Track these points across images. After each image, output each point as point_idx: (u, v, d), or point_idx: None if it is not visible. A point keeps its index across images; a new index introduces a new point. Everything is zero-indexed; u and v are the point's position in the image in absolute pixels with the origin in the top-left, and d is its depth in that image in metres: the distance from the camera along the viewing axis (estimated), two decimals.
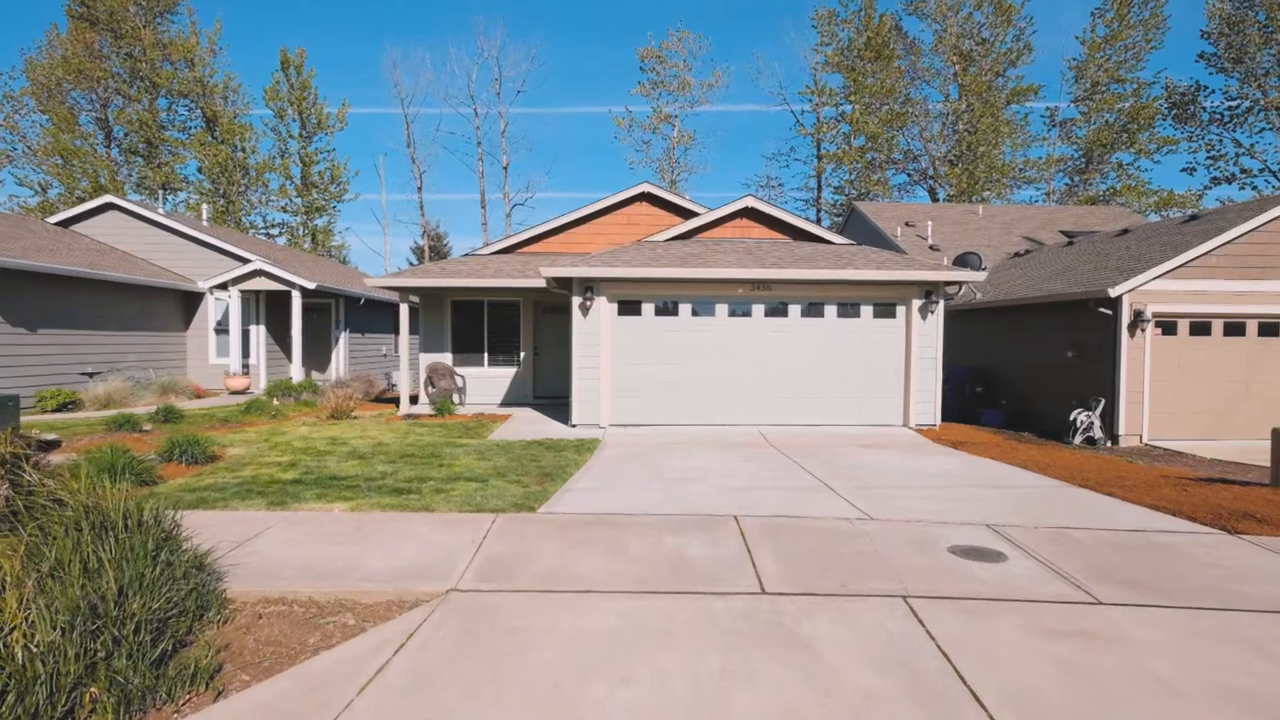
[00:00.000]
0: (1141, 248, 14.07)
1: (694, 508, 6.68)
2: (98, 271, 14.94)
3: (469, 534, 5.63)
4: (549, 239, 16.26)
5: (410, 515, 6.20)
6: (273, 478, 7.66)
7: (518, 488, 7.43)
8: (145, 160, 35.98)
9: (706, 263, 12.54)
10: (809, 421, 12.68)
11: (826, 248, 13.81)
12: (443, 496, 6.89)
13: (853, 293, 12.81)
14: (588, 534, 5.71)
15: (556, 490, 7.35)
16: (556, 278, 12.45)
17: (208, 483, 7.35)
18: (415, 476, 7.89)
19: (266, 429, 11.69)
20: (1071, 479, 8.42)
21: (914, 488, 7.73)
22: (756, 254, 13.20)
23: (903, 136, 35.65)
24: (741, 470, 8.68)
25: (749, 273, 12.28)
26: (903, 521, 6.24)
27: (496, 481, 7.70)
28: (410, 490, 7.14)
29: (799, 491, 7.46)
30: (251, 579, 4.63)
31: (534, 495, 7.07)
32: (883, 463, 9.33)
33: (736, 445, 10.77)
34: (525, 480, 7.84)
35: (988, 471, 8.85)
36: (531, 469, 8.55)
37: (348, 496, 6.81)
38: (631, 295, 12.71)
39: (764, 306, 12.85)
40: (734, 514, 6.38)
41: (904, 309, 12.87)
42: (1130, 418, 12.27)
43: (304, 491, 7.00)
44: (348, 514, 6.23)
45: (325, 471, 8.05)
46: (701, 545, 5.49)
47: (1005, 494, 7.50)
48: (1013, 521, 6.32)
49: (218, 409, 13.89)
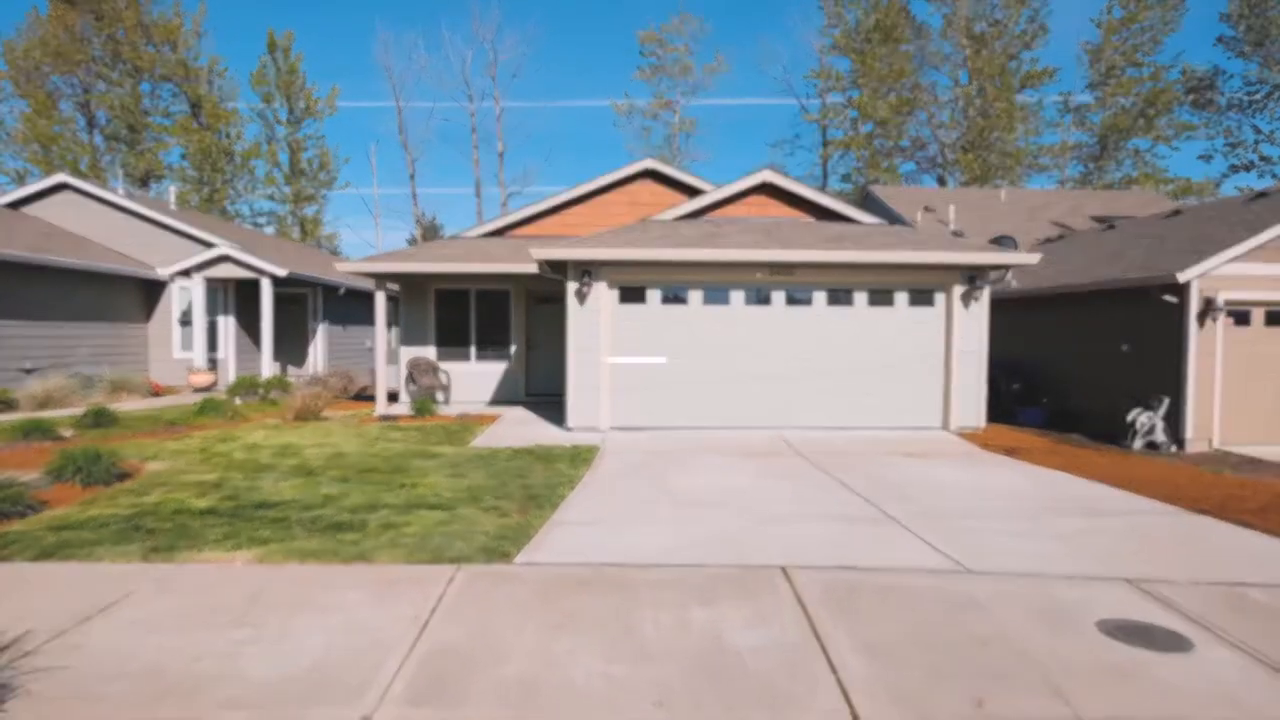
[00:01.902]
0: (1203, 229, 12.29)
1: (724, 550, 4.92)
2: (38, 256, 13.11)
3: (412, 605, 3.86)
4: (543, 220, 14.45)
5: (337, 571, 4.43)
6: (180, 506, 5.88)
7: (493, 519, 5.66)
8: (128, 147, 34.00)
9: (719, 244, 10.76)
10: (836, 423, 10.93)
11: (854, 228, 12.03)
12: (391, 536, 5.12)
13: (886, 278, 11.03)
14: (582, 603, 3.95)
15: (543, 523, 5.59)
16: (549, 261, 10.66)
17: (90, 515, 5.57)
18: (365, 503, 6.12)
19: (215, 434, 9.92)
20: (1174, 499, 6.70)
21: (990, 515, 5.99)
22: (776, 234, 11.41)
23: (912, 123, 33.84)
24: (770, 489, 6.93)
25: (768, 254, 10.51)
26: (1011, 577, 4.48)
27: (467, 510, 5.93)
28: (351, 526, 5.37)
29: (852, 523, 5.71)
30: (52, 701, 2.87)
31: (513, 532, 5.31)
32: (935, 478, 7.59)
33: (757, 453, 9.03)
34: (505, 506, 6.08)
35: (1066, 490, 7.10)
36: (515, 489, 6.79)
37: (264, 538, 5.03)
38: (634, 281, 10.93)
39: (785, 293, 11.07)
40: (780, 563, 4.63)
41: (944, 296, 11.10)
42: (1199, 419, 10.54)
43: (210, 529, 5.22)
44: (251, 568, 4.45)
45: (253, 497, 6.27)
46: (745, 623, 3.73)
47: (1111, 525, 5.76)
48: (1154, 573, 4.57)
49: (167, 410, 12.10)
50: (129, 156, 33.82)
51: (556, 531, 5.37)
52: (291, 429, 10.66)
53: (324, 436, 9.94)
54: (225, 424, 11.09)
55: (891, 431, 10.79)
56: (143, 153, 33.84)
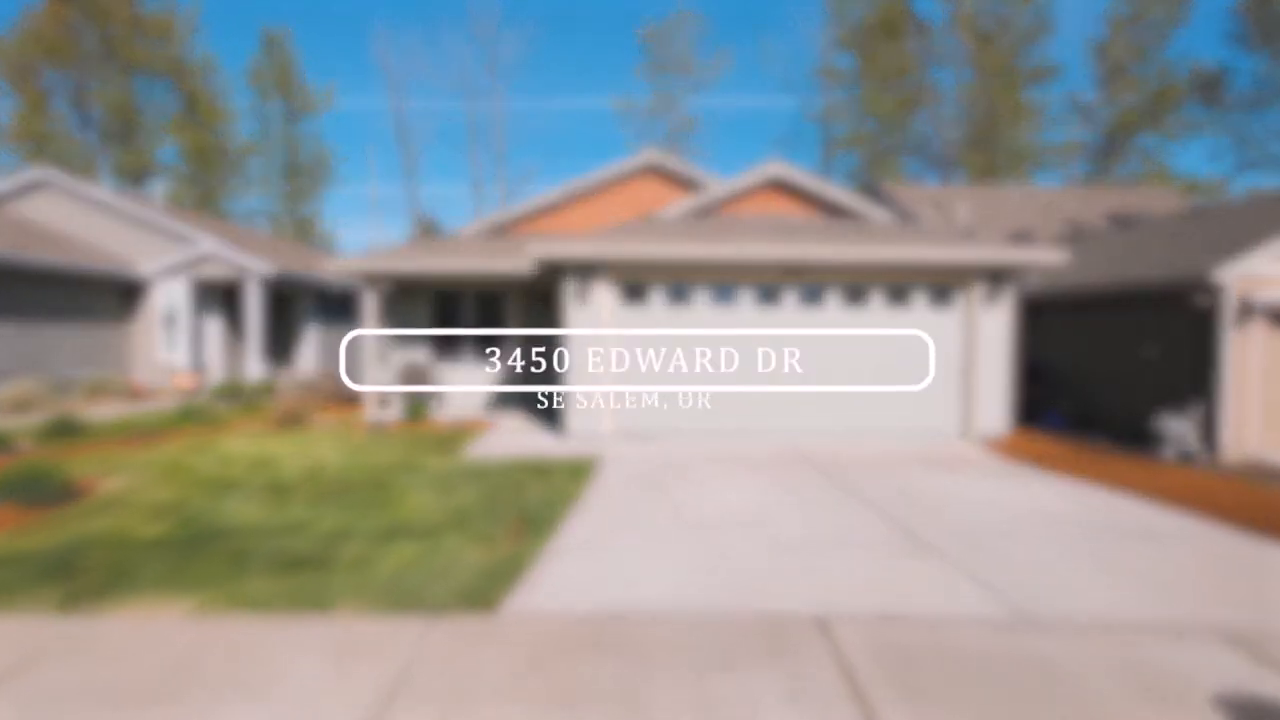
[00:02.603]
0: (1230, 227, 11.56)
1: (745, 590, 4.19)
2: (10, 254, 12.35)
3: (372, 677, 3.12)
4: (541, 219, 13.71)
5: (289, 626, 3.68)
6: (126, 536, 5.14)
7: (480, 550, 4.93)
8: (122, 144, 33.21)
9: (727, 241, 10.02)
10: (851, 429, 10.20)
11: (869, 224, 11.29)
12: (360, 576, 4.39)
13: (904, 277, 10.29)
14: (579, 673, 3.21)
15: (537, 554, 4.85)
16: (547, 259, 9.92)
17: (17, 547, 4.82)
18: (338, 530, 5.38)
19: (190, 444, 9.18)
20: (1228, 518, 5.98)
21: (1036, 542, 5.25)
22: (786, 231, 10.68)
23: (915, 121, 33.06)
24: (789, 508, 6.20)
25: (779, 252, 9.77)
26: (1084, 629, 3.75)
27: (452, 538, 5.20)
28: (316, 561, 4.63)
29: (886, 553, 4.97)
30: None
31: (502, 568, 4.57)
32: (965, 494, 6.86)
33: (769, 464, 8.30)
34: (494, 532, 5.35)
35: (1109, 509, 6.36)
36: (507, 509, 6.06)
37: (209, 579, 4.29)
38: (637, 280, 10.19)
39: (796, 293, 10.33)
40: (813, 610, 3.90)
41: (964, 296, 10.37)
42: (1237, 428, 9.81)
43: (151, 567, 4.48)
44: (186, 624, 3.71)
45: (213, 522, 5.54)
46: (781, 700, 3.00)
47: (1173, 556, 5.02)
48: (1249, 622, 3.84)
49: (144, 416, 11.36)
50: (123, 154, 33.05)
51: (551, 566, 4.63)
52: (274, 437, 9.92)
53: (307, 446, 9.20)
54: (204, 431, 10.36)
55: (910, 438, 10.07)
56: (137, 150, 33.06)
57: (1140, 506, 6.47)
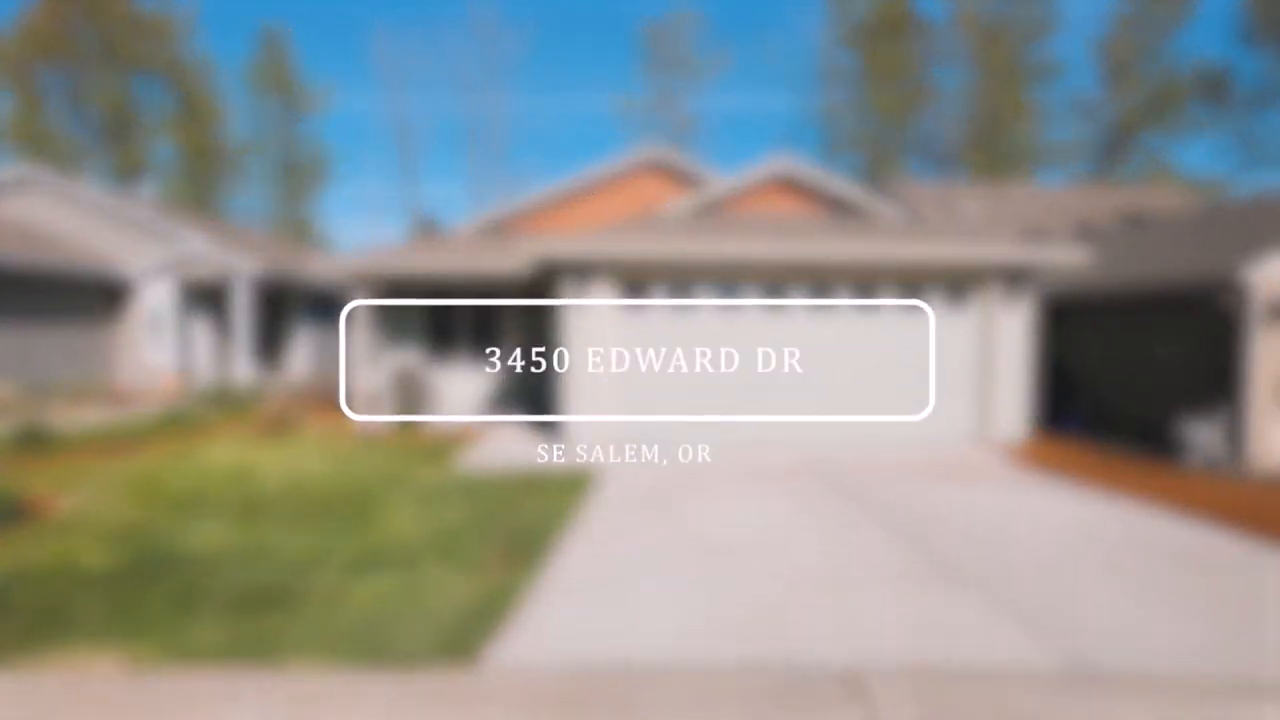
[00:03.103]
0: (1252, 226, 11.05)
1: (761, 637, 3.65)
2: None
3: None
4: (537, 216, 13.16)
5: (231, 686, 3.14)
6: (68, 566, 4.59)
7: (466, 581, 4.40)
8: (118, 143, 32.64)
9: (732, 239, 9.49)
10: (862, 436, 9.67)
11: (881, 222, 10.76)
12: (327, 617, 3.85)
13: (918, 277, 9.76)
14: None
15: (528, 587, 4.32)
16: (543, 258, 9.39)
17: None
18: (310, 556, 4.84)
19: (167, 453, 8.65)
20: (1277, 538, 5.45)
21: (1079, 572, 4.72)
22: (794, 229, 10.15)
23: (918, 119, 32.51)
24: (803, 529, 5.67)
25: (788, 250, 9.24)
26: (1154, 686, 3.21)
27: (435, 566, 4.66)
28: (279, 598, 4.09)
29: (916, 585, 4.43)
30: None
31: (488, 603, 4.03)
32: (991, 511, 6.34)
33: (778, 476, 7.77)
34: (483, 559, 4.82)
35: (1148, 529, 5.81)
36: (498, 529, 5.53)
37: (152, 623, 3.75)
38: (637, 281, 9.66)
39: (806, 294, 9.80)
40: (842, 660, 3.36)
41: (981, 297, 9.84)
42: (1266, 434, 9.30)
43: (90, 608, 3.93)
44: (112, 683, 3.16)
45: (172, 548, 4.99)
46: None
47: (1230, 588, 4.47)
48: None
49: (125, 422, 10.81)
50: (119, 153, 32.48)
51: (542, 602, 4.09)
52: (258, 445, 9.39)
53: (291, 455, 8.66)
54: (185, 438, 9.82)
55: (925, 444, 9.54)
56: (133, 149, 32.49)
57: (1183, 526, 5.93)
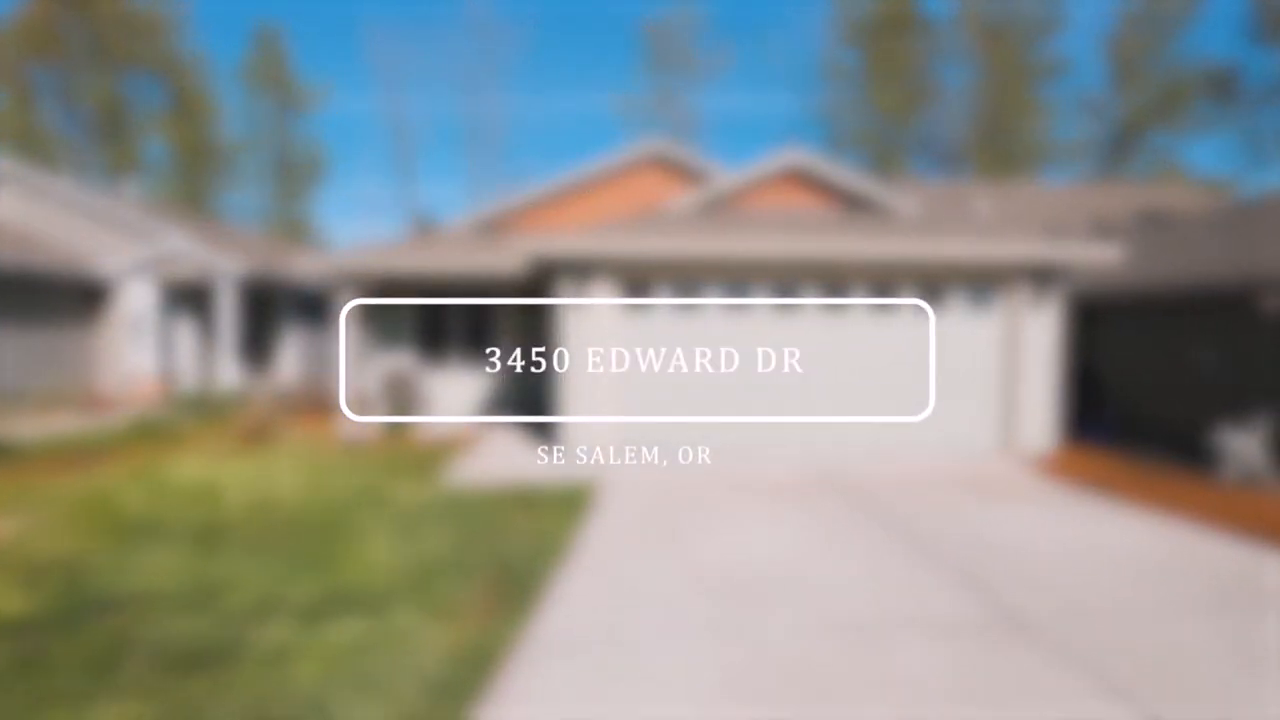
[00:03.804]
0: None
1: (800, 704, 2.95)
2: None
3: None
4: (534, 213, 12.46)
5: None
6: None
7: (440, 633, 3.69)
8: (110, 141, 31.89)
9: (741, 236, 8.78)
10: (880, 446, 8.97)
11: (899, 219, 10.06)
12: (267, 687, 3.13)
13: (939, 276, 9.06)
14: None
15: (512, 643, 3.61)
16: (540, 257, 8.69)
17: None
18: (263, 598, 4.13)
19: (130, 468, 7.93)
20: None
21: (1157, 613, 4.02)
22: (807, 226, 9.45)
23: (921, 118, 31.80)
24: (831, 560, 4.96)
25: (801, 248, 8.54)
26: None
27: (407, 611, 3.96)
28: (213, 658, 3.38)
29: (973, 636, 3.73)
30: None
31: (463, 669, 3.32)
32: (1037, 535, 5.65)
33: (794, 492, 7.07)
34: (463, 602, 4.11)
35: (1213, 559, 5.10)
36: (483, 560, 4.83)
37: (55, 694, 3.04)
38: (640, 280, 8.96)
39: (819, 294, 9.10)
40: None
41: (1006, 297, 9.14)
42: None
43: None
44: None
45: (103, 587, 4.28)
46: None
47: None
48: None
49: (94, 432, 10.08)
50: (111, 152, 31.72)
51: (531, 666, 3.38)
52: (233, 457, 8.68)
53: (265, 469, 7.95)
54: (156, 449, 9.11)
55: (946, 457, 8.84)
56: (125, 148, 31.74)
57: (1248, 556, 5.23)
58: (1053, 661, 3.47)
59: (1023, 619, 3.99)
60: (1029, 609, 4.12)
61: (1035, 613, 4.06)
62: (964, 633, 3.81)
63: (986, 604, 4.21)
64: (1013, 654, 3.56)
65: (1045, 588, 4.47)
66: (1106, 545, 5.44)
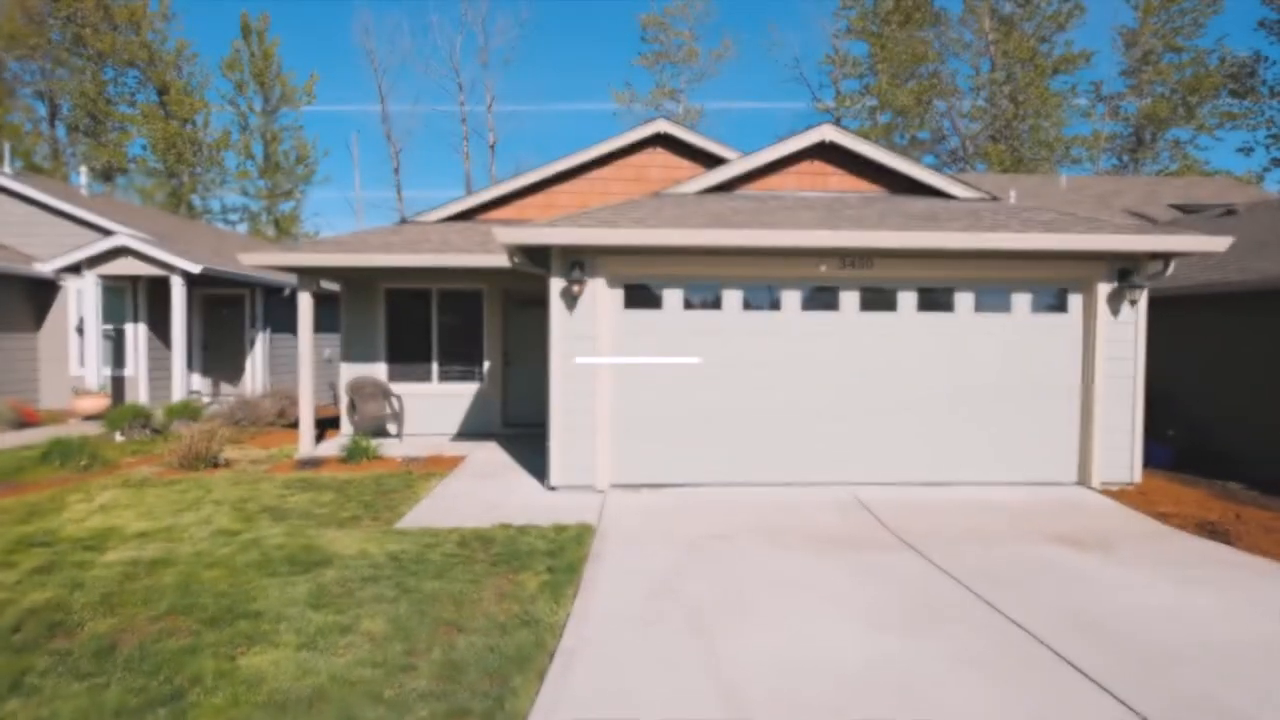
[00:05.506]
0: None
1: None
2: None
3: None
4: (525, 200, 10.86)
5: None
6: None
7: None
8: (91, 137, 30.25)
9: (765, 224, 7.19)
10: (931, 478, 7.37)
11: (951, 204, 8.48)
12: None
13: (1001, 272, 7.46)
14: None
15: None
16: (526, 246, 7.09)
17: None
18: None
19: (24, 504, 6.32)
20: None
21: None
22: (842, 212, 7.86)
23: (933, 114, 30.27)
24: (911, 661, 3.34)
25: (835, 238, 6.93)
26: None
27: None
28: None
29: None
30: None
31: None
32: (1180, 614, 4.07)
33: (841, 541, 5.47)
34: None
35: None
36: (431, 662, 3.24)
37: None
38: (645, 276, 7.36)
39: (858, 293, 7.49)
40: None
41: (1081, 298, 7.55)
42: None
43: None
44: None
45: None
46: None
47: None
48: None
49: (2, 455, 8.45)
50: (91, 148, 30.08)
51: None
52: (152, 489, 7.06)
53: (184, 507, 6.33)
54: (67, 479, 7.50)
55: (1013, 489, 7.23)
56: (106, 144, 30.09)
57: None
58: None
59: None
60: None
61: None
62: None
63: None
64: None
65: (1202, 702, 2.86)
66: (1243, 612, 3.86)
